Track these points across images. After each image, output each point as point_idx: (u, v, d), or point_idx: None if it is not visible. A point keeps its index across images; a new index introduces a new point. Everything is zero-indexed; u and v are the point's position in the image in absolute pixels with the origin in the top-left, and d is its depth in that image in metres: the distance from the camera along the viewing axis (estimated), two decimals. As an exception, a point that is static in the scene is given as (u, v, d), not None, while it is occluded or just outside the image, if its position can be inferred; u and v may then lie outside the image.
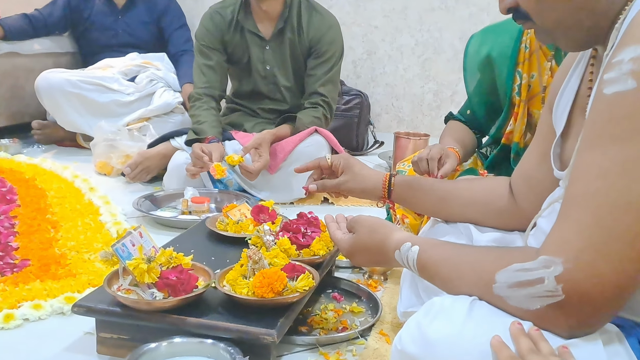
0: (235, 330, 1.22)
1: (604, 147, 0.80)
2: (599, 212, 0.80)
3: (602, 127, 0.81)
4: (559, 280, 0.80)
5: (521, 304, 0.84)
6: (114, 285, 1.30)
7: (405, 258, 1.06)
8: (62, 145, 3.57)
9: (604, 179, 0.80)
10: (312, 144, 2.64)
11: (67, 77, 3.35)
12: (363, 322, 1.54)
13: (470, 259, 0.96)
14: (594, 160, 0.82)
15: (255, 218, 1.72)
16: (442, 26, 4.21)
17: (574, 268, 0.80)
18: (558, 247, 0.82)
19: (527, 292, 0.83)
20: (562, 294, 0.80)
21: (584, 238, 0.80)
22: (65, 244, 1.97)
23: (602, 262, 0.78)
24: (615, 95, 0.80)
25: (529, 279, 0.83)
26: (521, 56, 1.82)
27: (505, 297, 0.86)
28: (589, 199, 0.81)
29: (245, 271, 1.33)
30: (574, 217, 0.82)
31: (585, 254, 0.79)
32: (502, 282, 0.86)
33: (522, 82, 1.81)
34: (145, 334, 1.25)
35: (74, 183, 2.72)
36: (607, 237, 0.79)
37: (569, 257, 0.80)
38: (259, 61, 2.81)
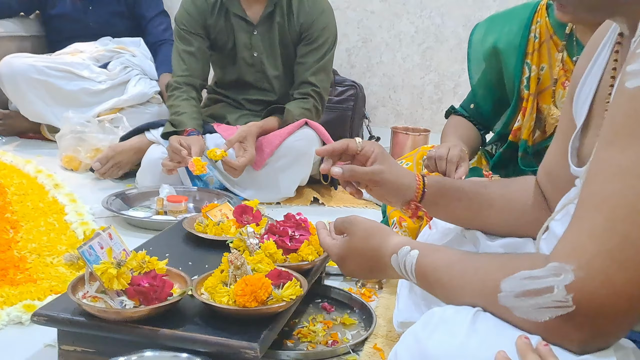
0: (214, 343, 1.20)
1: (623, 145, 0.80)
2: (614, 216, 0.78)
3: (622, 123, 0.81)
4: (570, 289, 0.79)
5: (528, 315, 0.83)
6: (79, 292, 1.28)
7: (403, 263, 1.04)
8: (25, 137, 3.54)
9: (621, 179, 0.79)
10: (302, 137, 2.63)
11: (32, 63, 3.32)
12: (355, 336, 1.53)
13: (475, 265, 0.95)
14: (611, 159, 0.81)
15: (237, 219, 1.71)
16: (445, 12, 4.21)
17: (586, 276, 0.78)
18: (569, 253, 0.81)
19: (535, 302, 0.82)
20: (572, 305, 0.79)
21: (598, 243, 0.79)
22: (26, 246, 1.96)
23: (617, 270, 0.77)
24: (637, 90, 0.79)
25: (537, 287, 0.82)
26: (530, 46, 1.82)
27: (511, 307, 0.85)
28: (604, 200, 0.80)
29: (225, 278, 1.32)
30: (587, 220, 0.81)
31: (598, 261, 0.78)
32: (507, 291, 0.85)
33: (532, 75, 1.81)
34: (113, 347, 1.24)
35: (36, 179, 2.70)
36: (623, 243, 0.77)
37: (581, 263, 0.79)
38: (245, 47, 2.79)
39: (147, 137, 2.75)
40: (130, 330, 1.23)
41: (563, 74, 1.76)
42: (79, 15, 3.75)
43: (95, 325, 1.24)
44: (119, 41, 3.69)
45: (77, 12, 3.75)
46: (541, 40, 1.80)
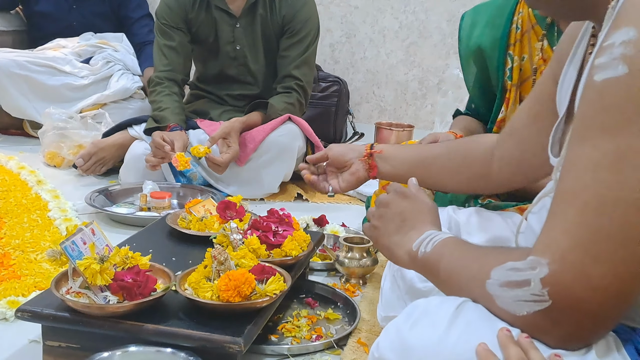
0: (198, 338, 1.21)
1: (594, 139, 0.80)
2: (586, 209, 0.79)
3: (592, 117, 0.81)
4: (545, 283, 0.80)
5: (509, 307, 0.84)
6: (62, 288, 1.28)
7: (433, 236, 1.05)
8: (7, 134, 3.52)
9: (592, 172, 0.79)
10: (285, 133, 2.63)
11: (13, 58, 3.30)
12: (339, 330, 1.54)
13: (478, 252, 0.97)
14: (583, 153, 0.81)
15: (221, 215, 1.71)
16: (429, 7, 4.22)
17: (560, 270, 0.79)
18: (545, 247, 0.82)
19: (515, 294, 0.83)
20: (548, 299, 0.80)
21: (571, 237, 0.79)
22: (9, 243, 1.95)
23: (591, 264, 0.78)
24: (605, 82, 0.80)
25: (517, 279, 0.83)
26: (512, 37, 1.82)
27: (495, 296, 0.86)
28: (577, 194, 0.81)
29: (209, 273, 1.32)
30: (560, 215, 0.82)
31: (572, 255, 0.79)
32: (495, 279, 0.86)
33: (514, 65, 1.82)
34: (97, 342, 1.24)
35: (19, 175, 2.69)
36: (595, 236, 0.78)
37: (555, 257, 0.80)
38: (227, 41, 2.79)
39: (130, 133, 2.74)
40: (114, 326, 1.23)
41: (542, 63, 1.77)
42: (62, 14, 3.73)
43: (79, 320, 1.24)
44: (101, 36, 3.67)
45: (61, 10, 3.72)
46: (523, 30, 1.81)
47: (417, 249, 1.05)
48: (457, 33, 2.03)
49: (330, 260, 1.92)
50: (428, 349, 0.85)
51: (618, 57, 0.78)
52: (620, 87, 0.78)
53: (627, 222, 0.77)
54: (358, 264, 1.81)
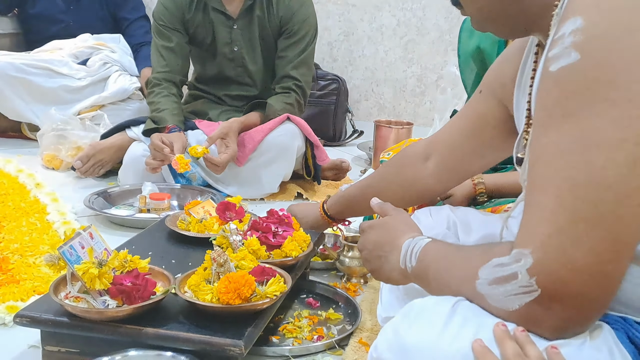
0: (198, 341, 1.20)
1: (558, 126, 0.82)
2: (560, 193, 0.81)
3: (552, 105, 0.84)
4: (531, 272, 0.81)
5: (500, 303, 0.85)
6: (61, 293, 1.28)
7: (412, 247, 1.07)
8: (5, 136, 3.51)
9: (561, 157, 0.82)
10: (284, 133, 2.62)
11: (10, 61, 3.29)
12: (341, 330, 1.53)
13: (463, 253, 0.98)
14: (549, 142, 0.83)
15: (220, 216, 1.70)
16: (426, 4, 4.21)
17: (543, 257, 0.80)
18: (526, 237, 0.83)
19: (504, 290, 0.84)
20: (537, 288, 0.81)
21: (549, 223, 0.81)
22: (8, 247, 1.94)
23: (572, 247, 0.79)
24: (561, 71, 0.82)
25: (505, 274, 0.84)
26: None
27: (486, 295, 0.87)
28: (549, 180, 0.82)
29: (209, 275, 1.31)
30: (536, 204, 0.83)
31: (552, 240, 0.80)
32: (483, 277, 0.87)
33: None
34: (97, 347, 1.23)
35: (17, 178, 2.68)
36: (572, 219, 0.79)
37: (536, 246, 0.81)
38: (225, 42, 2.78)
39: (128, 134, 2.73)
40: (113, 330, 1.22)
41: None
42: (59, 16, 3.72)
43: (78, 325, 1.23)
44: (98, 37, 3.66)
45: (57, 12, 3.72)
46: None
47: (405, 266, 1.08)
48: (458, 35, 2.06)
49: (331, 260, 1.91)
50: (425, 347, 0.86)
51: (569, 46, 0.82)
52: (576, 72, 0.81)
53: (600, 200, 0.79)
54: (359, 263, 1.80)
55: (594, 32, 0.81)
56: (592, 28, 0.81)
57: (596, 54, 0.80)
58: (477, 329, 0.85)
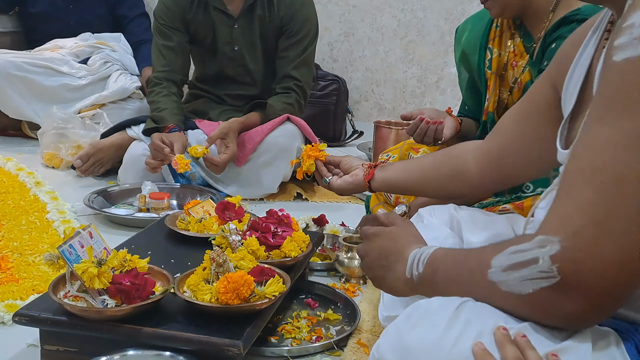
0: (197, 341, 1.20)
1: (613, 119, 0.80)
2: (603, 187, 0.79)
3: (611, 97, 0.81)
4: (555, 259, 0.80)
5: (513, 288, 0.84)
6: (60, 292, 1.28)
7: (419, 255, 1.05)
8: (6, 135, 3.51)
9: (611, 152, 0.79)
10: (284, 133, 2.62)
11: (10, 59, 3.30)
12: (339, 331, 1.53)
13: (473, 250, 0.98)
14: (601, 133, 0.81)
15: (220, 216, 1.71)
16: (427, 5, 4.21)
17: (572, 246, 0.79)
18: (556, 225, 0.82)
19: (520, 275, 0.83)
20: (557, 275, 0.80)
21: (586, 215, 0.79)
22: (7, 245, 1.94)
23: (605, 240, 0.78)
24: (625, 62, 0.79)
25: (523, 260, 0.83)
26: (492, 33, 1.91)
27: (499, 282, 0.86)
28: (593, 173, 0.80)
29: (208, 275, 1.31)
30: (575, 193, 0.81)
31: (586, 231, 0.79)
32: (497, 265, 0.86)
33: (493, 57, 1.90)
34: (96, 346, 1.23)
35: (17, 176, 2.69)
36: (611, 214, 0.78)
37: (568, 234, 0.80)
38: (225, 41, 2.78)
39: (128, 133, 2.73)
40: (112, 329, 1.22)
41: (513, 57, 1.85)
42: (59, 14, 3.72)
43: (77, 324, 1.23)
44: (99, 36, 3.66)
45: (57, 11, 3.72)
46: (502, 29, 1.89)
47: (410, 275, 1.05)
48: None
49: (330, 261, 1.91)
50: (427, 349, 0.85)
51: (638, 37, 0.79)
52: None
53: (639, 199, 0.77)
54: (358, 263, 1.80)
55: None
56: None
57: None
58: (479, 332, 0.84)
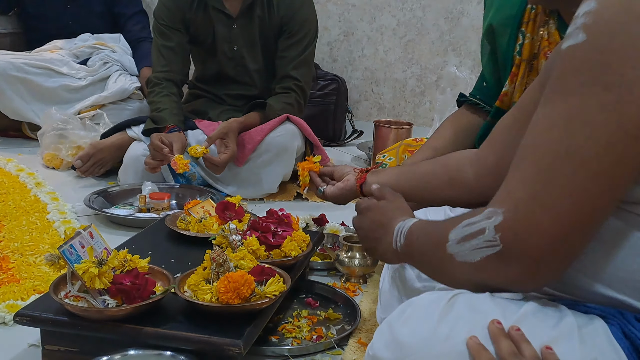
0: (197, 341, 1.20)
1: (554, 102, 0.87)
2: (541, 163, 0.87)
3: (554, 81, 0.89)
4: (498, 229, 0.88)
5: (465, 257, 0.92)
6: (61, 292, 1.28)
7: (402, 228, 1.12)
8: (6, 136, 3.51)
9: (549, 131, 0.87)
10: (284, 133, 2.62)
11: (10, 60, 3.29)
12: (340, 330, 1.53)
13: (438, 224, 1.05)
14: (544, 113, 0.89)
15: (220, 216, 1.71)
16: (426, 4, 4.21)
17: (512, 217, 0.87)
18: (502, 198, 0.90)
19: (470, 245, 0.91)
20: (499, 244, 0.87)
21: (526, 189, 0.87)
22: (8, 246, 1.95)
23: (540, 212, 0.85)
24: (567, 49, 0.87)
25: (473, 231, 0.91)
26: (526, 16, 1.79)
27: (454, 254, 0.94)
28: (534, 150, 0.89)
29: (208, 275, 1.31)
30: (520, 169, 0.90)
31: (525, 204, 0.87)
32: (452, 238, 0.94)
33: (525, 42, 1.78)
34: (97, 346, 1.23)
35: (18, 177, 2.69)
36: (547, 188, 0.86)
37: (510, 206, 0.88)
38: (225, 41, 2.78)
39: (128, 134, 2.73)
40: (113, 329, 1.22)
41: (547, 44, 1.75)
42: (57, 15, 3.72)
43: (78, 324, 1.23)
44: (98, 37, 3.65)
45: (55, 11, 3.71)
46: (537, 11, 1.77)
47: (396, 247, 1.13)
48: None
49: (330, 260, 1.91)
50: (420, 344, 0.87)
51: (580, 26, 0.86)
52: (579, 53, 0.86)
53: (573, 174, 0.84)
54: (358, 263, 1.80)
55: (603, 15, 0.84)
56: (602, 12, 0.85)
57: (600, 38, 0.84)
58: (472, 326, 0.86)
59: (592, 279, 0.92)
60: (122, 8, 3.78)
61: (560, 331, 0.86)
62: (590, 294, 0.93)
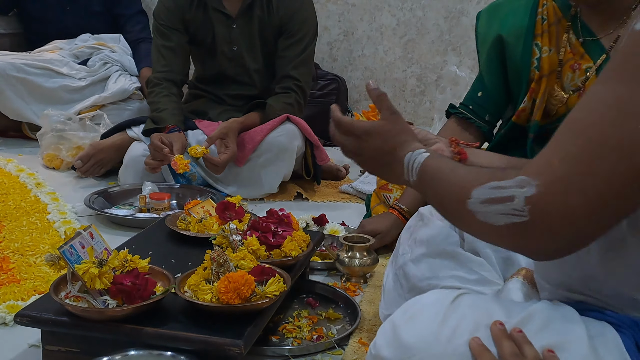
0: (198, 341, 1.20)
1: (614, 83, 0.82)
2: (588, 145, 0.82)
3: (619, 62, 0.83)
4: (528, 201, 0.83)
5: (488, 219, 0.88)
6: (61, 292, 1.28)
7: (412, 161, 1.07)
8: (6, 136, 3.52)
9: (602, 113, 0.82)
10: (284, 133, 2.62)
11: (10, 61, 3.29)
12: (340, 330, 1.53)
13: (460, 172, 0.99)
14: (600, 93, 0.84)
15: (220, 216, 1.70)
16: (426, 4, 4.21)
17: (546, 192, 0.83)
18: (538, 169, 0.85)
19: (496, 209, 0.86)
20: (527, 215, 0.83)
21: (566, 166, 0.82)
22: (9, 246, 1.95)
23: (575, 195, 0.81)
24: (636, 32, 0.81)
25: (501, 196, 0.86)
26: (538, 28, 1.79)
27: (475, 212, 0.89)
28: (583, 129, 0.83)
29: (208, 275, 1.31)
30: (563, 144, 0.85)
31: (561, 182, 0.82)
32: (476, 197, 0.90)
33: (542, 55, 1.77)
34: (97, 347, 1.23)
35: (18, 177, 2.69)
36: (588, 171, 0.81)
37: (545, 181, 0.83)
38: (224, 41, 2.78)
39: (128, 134, 2.74)
40: (113, 330, 1.22)
41: (571, 57, 1.73)
42: (57, 16, 3.72)
43: (79, 325, 1.23)
44: (98, 37, 3.66)
45: (55, 12, 3.72)
46: (550, 22, 1.77)
47: (408, 179, 1.08)
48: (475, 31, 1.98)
49: (330, 260, 1.91)
50: (423, 344, 0.86)
51: None
52: None
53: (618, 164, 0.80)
54: (358, 262, 1.80)
55: None
56: None
57: None
58: (475, 327, 0.85)
59: (619, 282, 0.90)
60: (122, 9, 3.78)
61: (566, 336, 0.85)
62: (616, 297, 0.91)
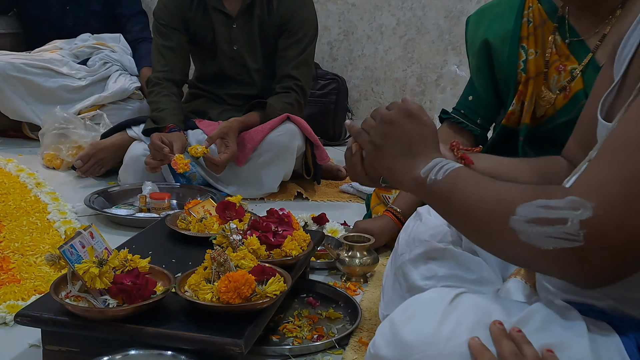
0: (198, 341, 1.20)
1: None
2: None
3: None
4: (584, 225, 0.78)
5: (533, 241, 0.82)
6: (61, 292, 1.27)
7: (443, 164, 1.00)
8: (6, 136, 3.52)
9: None
10: (284, 132, 2.62)
11: (10, 60, 3.29)
12: (341, 330, 1.53)
13: (499, 185, 0.93)
14: None
15: (220, 215, 1.69)
16: (426, 3, 4.20)
17: (605, 215, 0.77)
18: (592, 190, 0.79)
19: (544, 231, 0.81)
20: (581, 240, 0.78)
21: (625, 187, 0.77)
22: (9, 246, 1.94)
23: (637, 214, 0.76)
24: None
25: (550, 217, 0.81)
26: (524, 30, 1.79)
27: (519, 231, 0.84)
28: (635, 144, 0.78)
29: (209, 274, 1.31)
30: (617, 160, 0.79)
31: (621, 203, 0.77)
32: (521, 215, 0.84)
33: (529, 58, 1.78)
34: (98, 346, 1.23)
35: (18, 177, 2.69)
36: None
37: (602, 202, 0.78)
38: (224, 41, 2.78)
39: (128, 133, 2.74)
40: (113, 329, 1.22)
41: (557, 58, 1.74)
42: (57, 16, 3.72)
43: (79, 324, 1.23)
44: (98, 37, 3.66)
45: (55, 12, 3.72)
46: (535, 24, 1.77)
47: (426, 176, 1.01)
48: (464, 35, 1.98)
49: (331, 259, 1.91)
50: (422, 343, 0.85)
51: None
52: None
53: None
54: (359, 262, 1.80)
55: None
56: None
57: None
58: (474, 327, 0.84)
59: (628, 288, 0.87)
60: (122, 9, 3.78)
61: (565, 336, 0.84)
62: (622, 299, 0.89)
